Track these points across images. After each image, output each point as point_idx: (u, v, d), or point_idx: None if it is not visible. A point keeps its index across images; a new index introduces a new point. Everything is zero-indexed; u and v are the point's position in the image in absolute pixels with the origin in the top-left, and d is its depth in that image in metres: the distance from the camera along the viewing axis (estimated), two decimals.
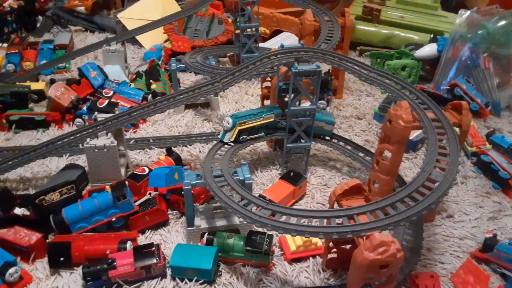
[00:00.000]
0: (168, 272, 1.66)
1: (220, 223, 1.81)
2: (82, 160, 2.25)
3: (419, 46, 3.13)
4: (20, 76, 2.90)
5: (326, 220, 1.44)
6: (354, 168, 2.29)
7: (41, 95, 2.74)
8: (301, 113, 1.99)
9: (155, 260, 1.61)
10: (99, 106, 2.48)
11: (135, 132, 2.52)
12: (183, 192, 1.71)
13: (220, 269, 1.70)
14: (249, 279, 1.66)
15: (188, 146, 2.42)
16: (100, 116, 2.05)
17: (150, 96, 2.68)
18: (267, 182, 2.16)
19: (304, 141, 2.09)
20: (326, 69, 2.80)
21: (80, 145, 2.03)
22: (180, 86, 2.87)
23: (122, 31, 3.48)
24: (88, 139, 1.96)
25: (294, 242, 1.73)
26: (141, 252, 1.63)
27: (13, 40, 3.35)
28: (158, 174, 1.93)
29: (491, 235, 1.79)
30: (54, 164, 2.23)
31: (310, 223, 1.44)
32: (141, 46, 3.56)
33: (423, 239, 1.79)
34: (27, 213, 1.78)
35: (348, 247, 1.66)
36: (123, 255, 1.62)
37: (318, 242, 1.75)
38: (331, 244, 1.65)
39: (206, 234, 1.74)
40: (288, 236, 1.76)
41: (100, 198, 1.80)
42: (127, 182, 1.88)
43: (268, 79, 2.44)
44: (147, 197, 1.89)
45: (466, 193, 2.16)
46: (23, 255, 1.70)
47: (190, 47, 3.17)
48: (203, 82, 2.04)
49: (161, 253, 1.65)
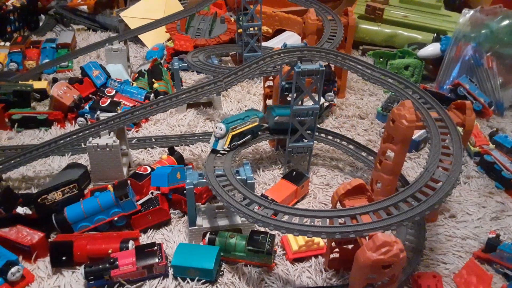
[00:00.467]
0: (170, 271, 1.66)
1: (222, 222, 1.80)
2: (84, 159, 2.25)
3: (422, 45, 3.12)
4: (22, 75, 2.90)
5: (328, 220, 1.44)
6: (356, 168, 2.28)
7: (43, 94, 2.74)
8: (303, 112, 1.98)
9: (157, 260, 1.61)
10: (101, 105, 2.48)
11: (137, 131, 2.52)
12: (185, 191, 1.71)
13: (222, 268, 1.69)
14: (251, 279, 1.66)
15: (190, 145, 2.42)
16: (103, 115, 2.04)
17: (152, 95, 2.68)
18: (269, 182, 2.16)
19: (306, 140, 2.08)
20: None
21: (83, 144, 2.03)
22: (182, 85, 2.87)
23: (124, 30, 3.48)
24: (90, 138, 1.96)
25: (296, 242, 1.73)
26: (143, 251, 1.63)
27: (15, 39, 3.35)
28: (160, 173, 1.92)
29: (494, 235, 1.79)
30: (56, 163, 2.24)
31: (312, 223, 1.43)
32: (143, 45, 3.56)
33: (425, 239, 1.78)
34: (29, 212, 1.78)
35: (350, 247, 1.66)
36: (125, 255, 1.62)
37: (320, 242, 1.75)
38: (333, 244, 1.65)
39: (208, 233, 1.74)
40: (290, 236, 1.76)
41: (102, 197, 1.80)
42: (129, 182, 1.88)
43: (271, 78, 2.44)
44: (149, 196, 1.89)
45: (469, 193, 2.15)
46: (25, 254, 1.70)
47: (193, 46, 3.16)
48: (205, 81, 2.04)
49: (163, 252, 1.64)
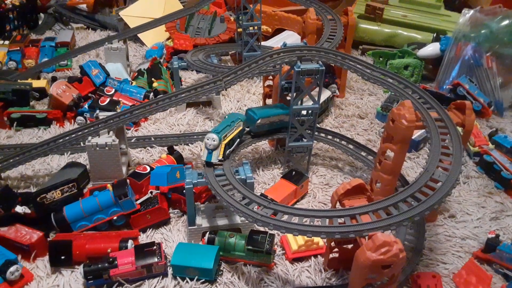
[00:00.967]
0: (169, 271, 1.66)
1: (222, 222, 1.80)
2: (83, 158, 2.24)
3: (422, 45, 3.12)
4: (21, 74, 2.89)
5: (328, 219, 1.43)
6: (356, 168, 2.28)
7: (42, 93, 2.73)
8: (303, 112, 1.98)
9: (156, 259, 1.61)
10: (100, 104, 2.48)
11: (136, 131, 2.52)
12: (184, 191, 1.71)
13: (221, 268, 1.69)
14: (250, 279, 1.65)
15: (189, 144, 2.41)
16: (102, 114, 2.04)
17: (151, 94, 2.67)
18: (269, 181, 2.16)
19: (306, 140, 2.08)
20: None
21: (82, 143, 2.02)
22: (182, 85, 2.87)
23: (124, 29, 3.48)
24: (89, 137, 1.95)
25: (296, 242, 1.73)
26: (142, 251, 1.63)
27: (14, 37, 3.34)
28: (160, 172, 1.92)
29: (493, 236, 1.79)
30: (56, 162, 2.23)
31: (312, 223, 1.43)
32: (143, 44, 3.56)
33: (425, 239, 1.78)
34: (28, 211, 1.78)
35: (349, 246, 1.66)
36: (124, 254, 1.62)
37: (320, 241, 1.74)
38: (332, 243, 1.64)
39: (208, 233, 1.73)
40: (289, 236, 1.75)
41: (101, 196, 1.79)
42: (128, 181, 1.88)
43: (270, 77, 2.43)
44: (148, 195, 1.89)
45: (469, 193, 2.15)
46: (24, 253, 1.69)
47: (192, 45, 3.16)
48: (205, 80, 2.03)
49: (162, 252, 1.64)
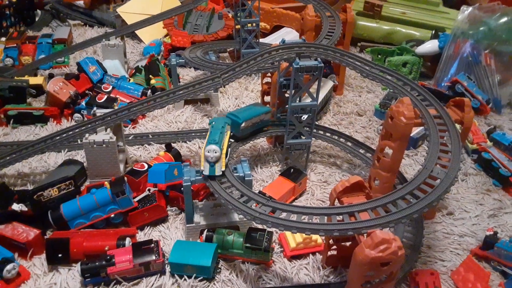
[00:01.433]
0: (167, 269, 1.65)
1: (220, 219, 1.79)
2: (80, 156, 2.23)
3: (420, 42, 3.12)
4: (18, 71, 2.87)
5: (326, 217, 1.43)
6: (354, 165, 2.27)
7: (39, 90, 2.72)
8: (301, 109, 1.97)
9: (154, 257, 1.60)
10: (98, 101, 2.46)
11: (134, 128, 2.51)
12: (182, 188, 1.70)
13: (219, 266, 1.69)
14: (248, 276, 1.65)
15: (187, 142, 2.40)
16: (99, 111, 2.03)
17: (149, 91, 2.66)
18: (267, 179, 2.15)
19: (304, 137, 2.07)
20: None
21: (79, 140, 2.01)
22: (179, 82, 2.85)
23: (121, 25, 3.46)
24: (86, 135, 1.94)
25: (294, 239, 1.73)
26: (140, 248, 1.62)
27: (11, 34, 3.32)
28: (158, 170, 1.91)
29: (491, 233, 1.79)
30: (53, 159, 2.22)
31: (310, 220, 1.43)
32: (140, 40, 3.54)
33: (423, 236, 1.78)
34: (25, 209, 1.77)
35: (348, 244, 1.65)
36: (122, 252, 1.61)
37: (318, 239, 1.74)
38: (331, 241, 1.64)
39: (206, 230, 1.73)
40: (288, 233, 1.75)
41: (98, 194, 1.78)
42: (126, 178, 1.87)
43: (269, 74, 2.42)
44: (146, 193, 1.88)
45: (467, 190, 2.15)
46: (21, 251, 1.68)
47: (190, 42, 3.14)
48: (203, 77, 2.02)
49: (160, 249, 1.63)
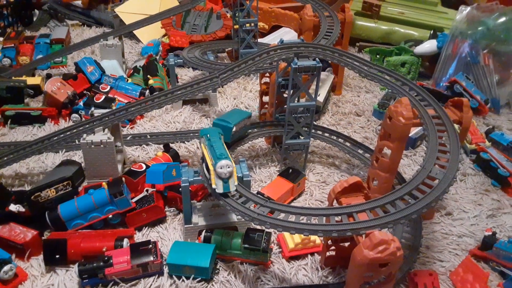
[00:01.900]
0: (165, 269, 1.65)
1: (218, 220, 1.79)
2: (78, 156, 2.22)
3: (418, 42, 3.12)
4: (16, 71, 2.86)
5: (325, 218, 1.43)
6: (353, 165, 2.27)
7: (37, 90, 2.71)
8: (300, 109, 1.97)
9: (152, 258, 1.59)
10: (96, 101, 2.45)
11: (132, 128, 2.50)
12: (180, 189, 1.69)
13: (217, 266, 1.68)
14: (247, 277, 1.64)
15: (185, 142, 2.40)
16: (97, 112, 2.02)
17: (147, 91, 2.65)
18: (266, 179, 2.15)
19: (303, 137, 2.07)
20: None
21: (77, 140, 2.01)
22: (178, 82, 2.85)
23: (119, 25, 3.44)
24: (84, 135, 1.93)
25: (293, 240, 1.72)
26: (138, 249, 1.61)
27: (9, 34, 3.31)
28: (156, 170, 1.91)
29: (490, 233, 1.79)
30: (50, 160, 2.21)
31: (309, 221, 1.42)
32: (138, 40, 3.53)
33: (422, 237, 1.78)
34: (22, 209, 1.76)
35: (346, 244, 1.65)
36: (119, 253, 1.60)
37: (317, 239, 1.74)
38: (329, 241, 1.64)
39: (204, 231, 1.72)
40: (286, 234, 1.75)
41: (96, 194, 1.78)
42: (124, 179, 1.86)
43: (267, 74, 2.42)
44: (144, 194, 1.87)
45: (465, 190, 2.15)
46: (18, 252, 1.68)
47: (188, 42, 3.14)
48: (201, 77, 2.02)
49: (158, 250, 1.63)
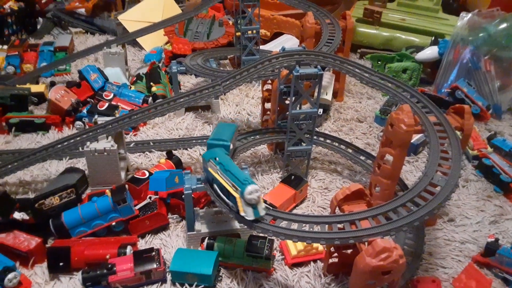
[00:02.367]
0: (168, 277, 1.65)
1: (221, 227, 1.79)
2: (82, 163, 2.24)
3: (420, 48, 3.13)
4: (20, 79, 2.88)
5: (327, 225, 1.43)
6: (355, 172, 2.28)
7: (41, 98, 2.73)
8: (302, 116, 1.98)
9: (155, 265, 1.60)
10: (99, 109, 2.47)
11: (135, 135, 2.51)
12: (183, 196, 1.70)
13: (220, 274, 1.68)
14: (249, 284, 1.65)
15: (188, 149, 2.41)
16: (100, 119, 2.04)
17: (150, 98, 2.67)
18: (268, 186, 2.15)
19: (305, 144, 2.08)
20: None
21: (80, 148, 2.02)
22: (180, 89, 2.87)
23: (122, 33, 3.48)
24: (88, 143, 1.95)
25: (295, 247, 1.72)
26: (141, 257, 1.62)
27: (13, 42, 3.34)
28: (159, 177, 1.92)
29: (492, 240, 1.78)
30: (54, 167, 2.22)
31: (311, 229, 1.43)
32: (141, 48, 3.56)
33: (424, 243, 1.78)
34: (26, 217, 1.77)
35: (349, 251, 1.65)
36: (123, 260, 1.61)
37: (319, 246, 1.74)
38: (332, 248, 1.64)
39: (207, 238, 1.73)
40: (289, 241, 1.75)
41: (100, 202, 1.79)
42: (127, 186, 1.87)
43: (269, 81, 2.43)
44: (147, 201, 1.88)
45: (468, 196, 2.15)
46: (22, 260, 1.69)
47: (191, 49, 3.16)
48: (203, 84, 2.03)
49: (161, 257, 1.64)
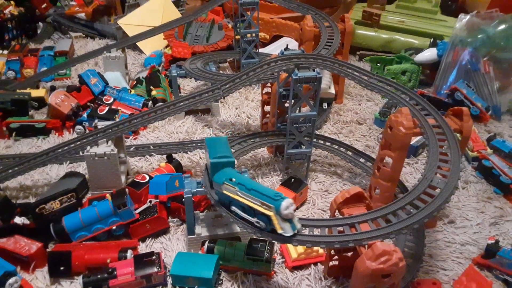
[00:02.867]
0: (169, 281, 1.65)
1: (221, 231, 1.80)
2: (82, 167, 2.24)
3: (419, 50, 3.14)
4: (20, 83, 2.90)
5: (327, 229, 1.43)
6: (355, 174, 2.28)
7: (41, 102, 2.74)
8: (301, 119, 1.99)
9: (155, 269, 1.60)
10: (99, 113, 2.48)
11: (135, 139, 2.52)
12: (183, 199, 1.71)
13: (221, 277, 1.69)
14: (250, 287, 1.65)
15: (188, 152, 2.41)
16: (101, 124, 2.04)
17: (150, 102, 2.68)
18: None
19: (304, 147, 2.08)
20: None
21: (81, 152, 2.03)
22: (180, 92, 2.87)
23: (122, 37, 3.49)
24: (88, 147, 1.95)
25: (296, 250, 1.73)
26: (141, 261, 1.62)
27: (13, 47, 3.35)
28: (159, 181, 1.92)
29: (493, 241, 1.79)
30: (55, 172, 2.23)
31: (311, 232, 1.43)
32: (141, 52, 3.57)
33: (424, 245, 1.78)
34: (27, 222, 1.78)
35: (349, 254, 1.65)
36: (123, 264, 1.61)
37: (320, 249, 1.74)
38: (332, 251, 1.64)
39: (207, 242, 1.73)
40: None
41: (100, 206, 1.79)
42: (127, 190, 1.88)
43: (269, 84, 2.44)
44: (147, 205, 1.89)
45: (468, 198, 2.15)
46: (23, 265, 1.69)
47: (191, 53, 3.17)
48: (203, 88, 2.04)
49: (161, 261, 1.64)
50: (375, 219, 1.44)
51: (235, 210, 1.48)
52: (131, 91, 2.82)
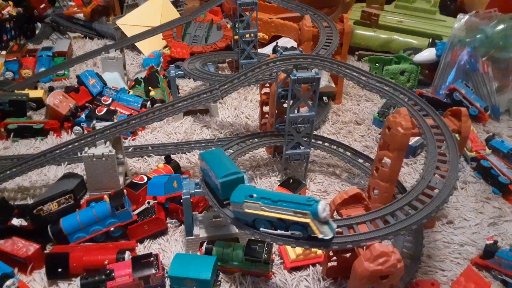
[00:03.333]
0: (167, 282, 1.65)
1: (219, 232, 1.79)
2: (80, 168, 2.24)
3: (417, 50, 3.14)
4: (18, 84, 2.89)
5: None
6: (353, 174, 2.28)
7: (39, 103, 2.73)
8: (299, 119, 1.98)
9: (153, 271, 1.60)
10: (97, 113, 2.48)
11: (133, 139, 2.52)
12: (182, 200, 1.70)
13: (219, 278, 1.68)
14: None
15: (187, 153, 2.41)
16: (99, 124, 2.04)
17: (149, 103, 2.68)
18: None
19: (303, 147, 2.08)
20: None
21: (79, 153, 2.02)
22: (179, 93, 2.87)
23: (121, 37, 3.48)
24: (86, 148, 1.95)
25: (294, 251, 1.72)
26: (139, 262, 1.62)
27: (11, 47, 3.34)
28: (157, 182, 1.92)
29: (491, 242, 1.78)
30: (52, 172, 2.22)
31: None
32: (140, 52, 3.56)
33: (423, 246, 1.78)
34: (24, 223, 1.77)
35: (348, 255, 1.65)
36: (121, 266, 1.61)
37: (318, 250, 1.74)
38: (331, 252, 1.64)
39: (205, 243, 1.73)
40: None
41: (98, 207, 1.79)
42: (125, 191, 1.87)
43: (267, 85, 2.44)
44: (145, 206, 1.88)
45: (466, 198, 2.15)
46: (21, 266, 1.68)
47: (189, 53, 3.17)
48: (201, 89, 2.04)
49: (159, 263, 1.63)
50: (374, 220, 1.44)
51: (265, 230, 1.40)
52: (129, 92, 2.82)
